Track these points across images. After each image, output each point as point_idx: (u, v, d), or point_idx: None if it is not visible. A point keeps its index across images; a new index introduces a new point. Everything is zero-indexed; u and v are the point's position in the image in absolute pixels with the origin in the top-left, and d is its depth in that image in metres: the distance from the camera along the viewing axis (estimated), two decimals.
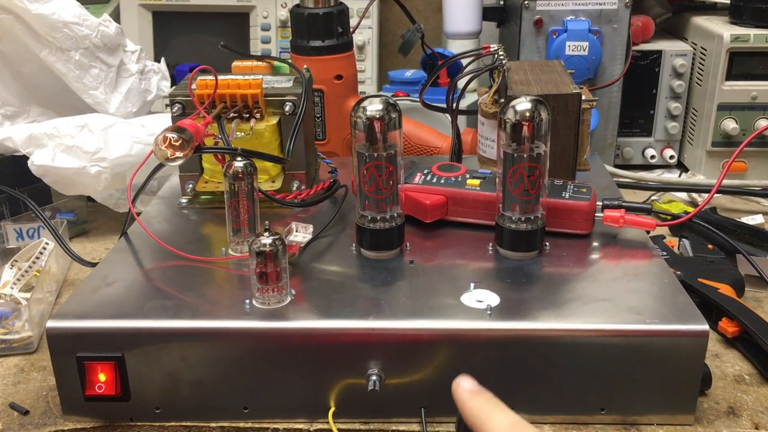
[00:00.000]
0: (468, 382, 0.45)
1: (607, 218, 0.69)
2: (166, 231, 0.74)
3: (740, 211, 0.99)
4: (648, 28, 1.13)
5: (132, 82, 0.98)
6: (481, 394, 0.44)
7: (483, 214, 0.71)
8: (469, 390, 0.45)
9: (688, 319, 0.58)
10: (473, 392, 0.45)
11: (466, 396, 0.44)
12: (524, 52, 1.07)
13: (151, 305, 0.61)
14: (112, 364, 0.58)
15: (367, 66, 1.31)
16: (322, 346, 0.59)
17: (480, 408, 0.44)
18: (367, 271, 0.66)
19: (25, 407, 0.63)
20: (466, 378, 0.46)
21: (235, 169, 0.66)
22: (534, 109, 0.63)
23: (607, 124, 1.11)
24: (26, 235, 0.87)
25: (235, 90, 0.74)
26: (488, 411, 0.43)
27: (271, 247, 0.58)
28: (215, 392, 0.60)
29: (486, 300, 0.60)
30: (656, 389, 0.58)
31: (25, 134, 0.86)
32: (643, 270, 0.65)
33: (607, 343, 0.57)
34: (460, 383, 0.45)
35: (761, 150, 1.07)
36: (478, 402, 0.44)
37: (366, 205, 0.67)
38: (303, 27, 0.97)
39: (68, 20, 0.89)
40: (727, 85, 1.05)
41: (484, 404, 0.44)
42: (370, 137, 0.64)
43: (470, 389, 0.45)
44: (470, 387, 0.45)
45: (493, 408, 0.43)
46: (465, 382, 0.45)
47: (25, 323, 0.71)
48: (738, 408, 0.62)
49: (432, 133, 1.03)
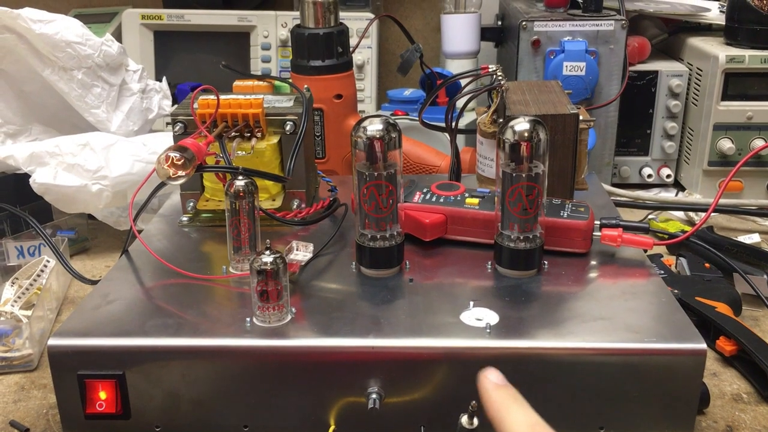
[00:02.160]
0: (495, 374, 0.45)
1: (605, 237, 0.70)
2: (167, 249, 0.75)
3: (737, 230, 1.00)
4: (644, 48, 1.14)
5: (134, 101, 0.99)
6: (506, 389, 0.44)
7: (482, 233, 0.72)
8: (494, 382, 0.45)
9: (685, 337, 0.58)
10: (498, 385, 0.44)
11: (491, 387, 0.44)
12: (522, 73, 1.08)
13: (152, 323, 0.61)
14: (113, 382, 0.58)
15: (367, 85, 1.32)
16: (323, 364, 0.59)
17: (502, 402, 0.43)
18: (367, 289, 0.66)
19: (26, 425, 0.63)
20: (493, 370, 0.45)
21: (236, 187, 0.67)
22: (532, 129, 0.64)
23: (604, 143, 1.12)
24: (27, 252, 0.87)
25: (237, 109, 0.75)
26: (508, 406, 0.43)
27: (272, 265, 0.59)
28: (215, 410, 0.60)
29: (485, 318, 0.61)
30: (654, 408, 0.59)
31: (27, 152, 0.87)
32: (641, 289, 0.66)
33: (605, 361, 0.58)
34: (487, 374, 0.45)
35: (757, 170, 1.08)
36: (501, 395, 0.44)
37: (366, 224, 0.67)
38: (303, 47, 0.98)
39: (71, 40, 0.91)
40: (723, 105, 1.06)
41: (506, 398, 0.43)
42: (371, 156, 0.65)
43: (495, 381, 0.45)
44: (496, 379, 0.45)
45: (514, 403, 0.43)
46: (492, 375, 0.45)
47: (25, 341, 0.71)
48: (736, 427, 0.62)
49: (431, 151, 1.04)
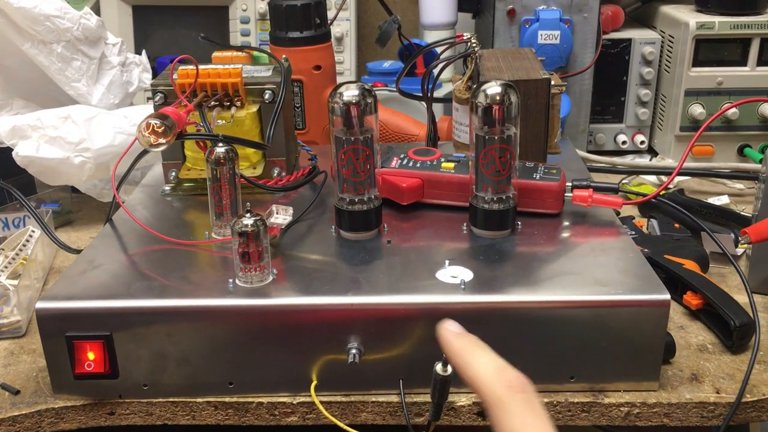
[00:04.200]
0: (453, 325, 0.45)
1: (576, 198, 0.72)
2: (151, 217, 0.76)
3: (707, 193, 1.03)
4: (618, 17, 1.16)
5: (114, 74, 0.99)
6: (467, 336, 0.44)
7: (457, 196, 0.74)
8: (454, 332, 0.45)
9: (650, 289, 0.61)
10: (459, 333, 0.45)
11: (452, 337, 0.44)
12: (498, 42, 1.10)
13: (137, 286, 0.63)
14: (101, 343, 0.60)
15: (346, 57, 1.33)
16: (304, 322, 0.61)
17: (465, 347, 0.43)
18: (346, 251, 0.68)
19: (16, 387, 0.64)
20: (451, 321, 0.45)
21: (216, 154, 0.68)
22: (504, 92, 0.66)
23: (579, 111, 1.14)
24: (12, 224, 0.89)
25: (216, 79, 0.76)
26: (472, 351, 0.43)
27: (252, 227, 0.61)
28: (201, 369, 0.62)
29: (460, 275, 0.63)
30: (622, 357, 0.61)
31: (8, 126, 0.88)
32: (610, 246, 0.68)
33: (575, 314, 0.60)
34: (446, 325, 0.45)
35: (727, 134, 1.10)
36: (463, 342, 0.44)
37: (344, 188, 0.69)
38: (281, 18, 0.99)
39: (50, 13, 0.91)
40: (694, 71, 1.08)
41: (469, 344, 0.43)
42: (347, 122, 0.66)
43: (455, 331, 0.45)
44: (455, 329, 0.45)
45: (478, 348, 0.43)
46: (451, 325, 0.45)
47: (13, 308, 0.72)
48: (701, 375, 0.65)
49: (409, 120, 1.05)
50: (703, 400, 0.62)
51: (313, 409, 0.62)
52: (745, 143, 1.11)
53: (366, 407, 0.63)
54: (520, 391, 0.41)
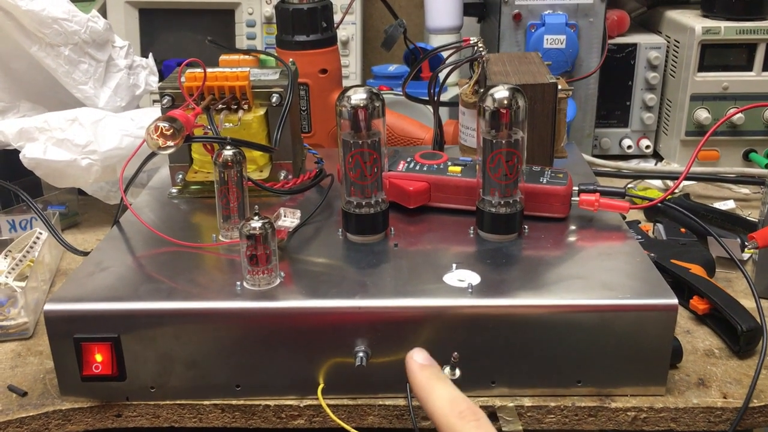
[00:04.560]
0: (420, 355, 0.49)
1: (582, 202, 0.72)
2: (158, 220, 0.76)
3: (713, 197, 1.03)
4: (623, 21, 1.16)
5: (120, 77, 0.99)
6: (430, 368, 0.48)
7: (464, 200, 0.74)
8: (419, 363, 0.49)
9: (658, 293, 0.61)
10: (423, 366, 0.48)
11: (416, 368, 0.48)
12: (504, 46, 1.10)
13: (145, 288, 0.63)
14: (109, 345, 0.60)
15: (351, 61, 1.33)
16: (311, 325, 0.61)
17: (426, 381, 0.47)
18: (353, 255, 0.68)
19: (23, 389, 0.65)
20: (419, 351, 0.49)
21: (224, 157, 0.68)
22: (511, 96, 0.66)
23: (584, 115, 1.14)
24: (19, 226, 0.89)
25: (223, 82, 0.77)
26: (432, 385, 0.47)
27: (261, 230, 0.61)
28: (208, 371, 0.62)
29: (467, 279, 0.63)
30: (629, 361, 0.61)
31: (16, 128, 0.88)
32: (617, 250, 0.68)
33: (582, 318, 0.60)
34: (413, 356, 0.49)
35: (733, 139, 1.10)
36: (425, 375, 0.48)
37: (351, 191, 0.69)
38: (288, 22, 0.99)
39: (58, 16, 0.91)
40: (699, 76, 1.08)
41: (430, 378, 0.47)
42: (355, 125, 0.67)
43: (420, 363, 0.49)
44: (421, 360, 0.49)
45: (437, 382, 0.47)
46: (417, 355, 0.49)
47: (20, 310, 0.72)
48: (707, 379, 0.65)
49: (415, 125, 1.05)
50: (710, 405, 0.62)
51: (320, 412, 0.62)
52: (750, 148, 1.11)
53: (373, 410, 0.63)
54: (472, 418, 0.44)
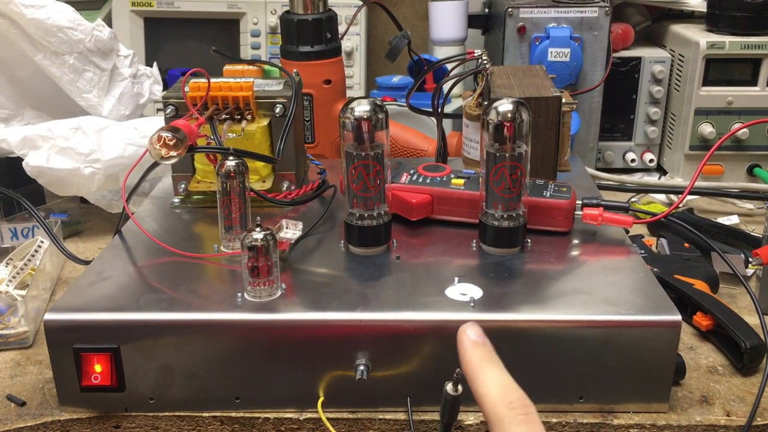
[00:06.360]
0: (473, 330, 0.44)
1: (586, 216, 0.72)
2: (159, 229, 0.76)
3: (717, 212, 1.02)
4: (628, 35, 1.16)
5: (125, 85, 1.00)
6: (483, 347, 0.44)
7: (467, 212, 0.73)
8: (472, 339, 0.44)
9: (661, 309, 0.60)
10: (476, 343, 0.44)
11: (469, 345, 0.44)
12: (508, 59, 1.10)
13: (145, 298, 0.63)
14: (108, 355, 0.60)
15: (355, 72, 1.34)
16: (312, 337, 0.61)
17: (478, 361, 0.43)
18: (355, 267, 0.68)
19: (22, 399, 0.64)
20: (472, 326, 0.45)
21: (227, 167, 0.68)
22: (515, 110, 0.66)
23: (588, 128, 1.14)
24: (21, 234, 0.89)
25: (227, 92, 0.77)
26: (483, 367, 0.43)
27: (262, 241, 0.61)
28: (208, 383, 0.62)
29: (469, 293, 0.63)
30: (632, 378, 0.61)
31: (19, 136, 0.88)
32: (620, 265, 0.68)
33: (585, 333, 0.60)
34: (466, 330, 0.44)
35: (737, 153, 1.10)
36: (477, 354, 0.43)
37: (354, 203, 0.69)
38: (293, 32, 0.99)
39: (63, 25, 0.91)
40: (704, 90, 1.08)
41: (482, 358, 0.43)
42: (358, 137, 0.66)
43: (474, 339, 0.44)
44: (474, 336, 0.44)
45: (489, 364, 0.43)
46: (471, 330, 0.44)
47: (21, 319, 0.72)
48: (711, 397, 0.64)
49: (418, 136, 1.05)
50: (713, 423, 0.61)
51: (319, 425, 0.62)
52: (754, 163, 1.11)
53: (373, 424, 0.62)
54: (521, 412, 0.40)
